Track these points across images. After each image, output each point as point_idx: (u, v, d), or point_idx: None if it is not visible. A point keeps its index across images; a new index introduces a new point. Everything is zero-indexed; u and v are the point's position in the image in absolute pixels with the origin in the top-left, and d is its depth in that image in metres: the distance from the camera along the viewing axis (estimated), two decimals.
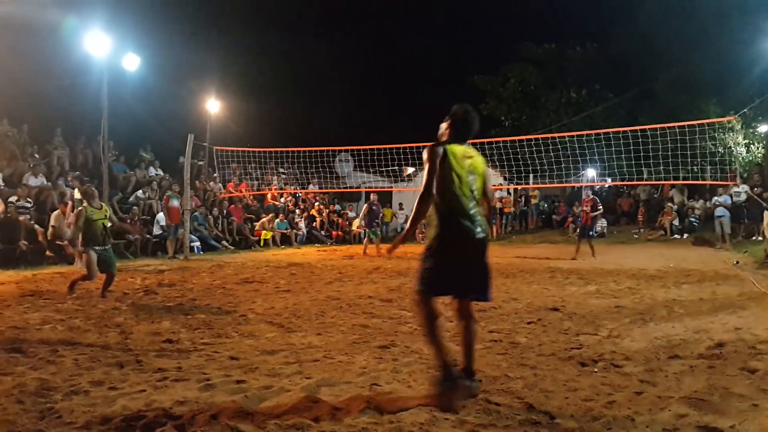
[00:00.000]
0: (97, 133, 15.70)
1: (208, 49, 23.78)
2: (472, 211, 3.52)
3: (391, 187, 23.21)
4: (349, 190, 23.12)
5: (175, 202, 14.24)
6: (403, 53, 38.26)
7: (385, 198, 24.80)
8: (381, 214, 16.61)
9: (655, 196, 23.01)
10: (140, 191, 16.14)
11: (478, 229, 3.52)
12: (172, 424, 3.05)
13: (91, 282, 7.75)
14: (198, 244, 15.57)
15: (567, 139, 16.16)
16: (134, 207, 15.09)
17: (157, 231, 14.78)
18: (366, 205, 16.24)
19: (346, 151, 18.81)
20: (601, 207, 13.67)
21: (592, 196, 13.51)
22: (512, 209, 23.13)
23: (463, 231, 3.49)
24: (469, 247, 3.51)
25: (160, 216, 14.75)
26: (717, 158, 15.52)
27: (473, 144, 3.76)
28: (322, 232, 20.90)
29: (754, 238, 15.24)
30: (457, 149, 3.55)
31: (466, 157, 3.58)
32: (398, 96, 36.67)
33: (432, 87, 39.27)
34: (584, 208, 13.39)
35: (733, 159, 17.29)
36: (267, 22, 30.87)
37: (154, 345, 4.90)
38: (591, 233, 13.37)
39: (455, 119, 3.70)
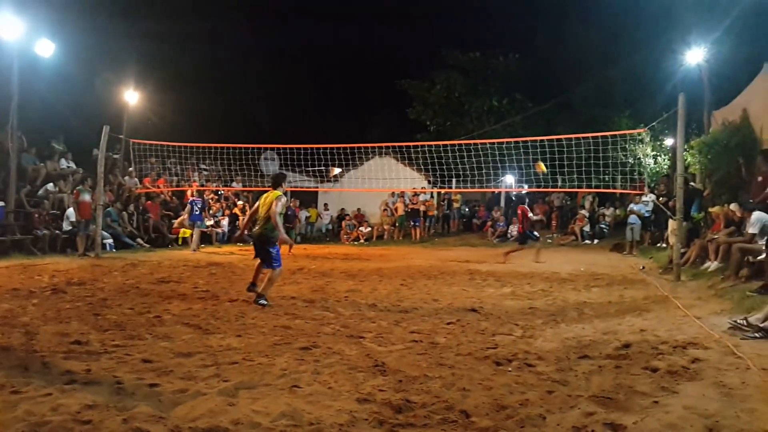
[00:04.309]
0: (5, 123, 14.71)
1: (127, 36, 22.64)
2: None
3: (317, 187, 23.04)
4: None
5: (86, 197, 13.54)
6: (331, 52, 37.99)
7: (311, 198, 24.59)
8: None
9: (568, 203, 24.06)
10: (50, 184, 15.25)
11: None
12: (80, 429, 2.92)
13: None
14: (111, 241, 14.87)
15: (488, 145, 16.58)
16: (44, 201, 14.23)
17: (66, 227, 14.00)
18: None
19: (272, 149, 18.53)
20: (531, 215, 14.06)
21: (524, 206, 13.77)
22: (435, 212, 23.50)
23: None
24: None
25: (70, 211, 13.97)
26: (627, 168, 16.34)
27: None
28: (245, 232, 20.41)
29: (659, 245, 16.11)
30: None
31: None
32: (326, 95, 36.44)
33: (360, 88, 39.25)
34: (519, 223, 13.71)
35: (642, 169, 18.23)
36: (190, 10, 29.76)
37: (62, 346, 4.65)
38: (534, 238, 13.64)
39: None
